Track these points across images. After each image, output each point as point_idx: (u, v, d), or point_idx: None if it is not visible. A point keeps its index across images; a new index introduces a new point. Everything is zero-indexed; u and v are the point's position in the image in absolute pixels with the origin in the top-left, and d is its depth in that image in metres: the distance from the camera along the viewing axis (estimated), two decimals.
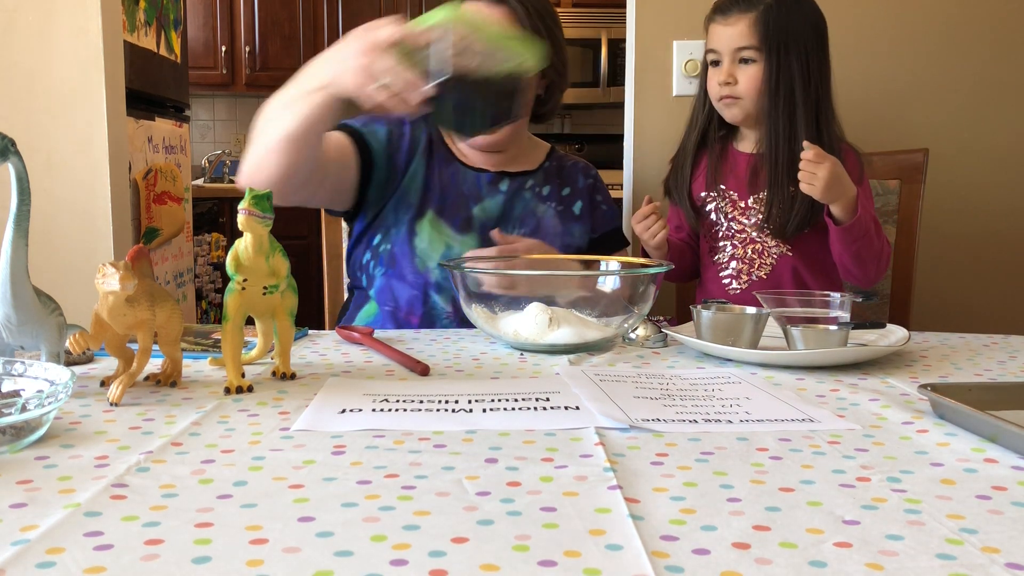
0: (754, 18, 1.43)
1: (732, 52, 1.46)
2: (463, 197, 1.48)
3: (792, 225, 1.47)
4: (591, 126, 4.72)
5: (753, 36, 1.43)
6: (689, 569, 0.49)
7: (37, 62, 1.93)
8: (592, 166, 1.63)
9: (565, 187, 1.55)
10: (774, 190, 1.47)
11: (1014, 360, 1.11)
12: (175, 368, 0.93)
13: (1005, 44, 1.96)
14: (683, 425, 0.79)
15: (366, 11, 4.40)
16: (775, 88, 1.44)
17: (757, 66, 1.45)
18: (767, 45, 1.43)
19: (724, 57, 1.47)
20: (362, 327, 1.22)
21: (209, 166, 4.55)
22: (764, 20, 1.43)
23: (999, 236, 2.00)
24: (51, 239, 1.92)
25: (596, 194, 1.58)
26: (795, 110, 1.44)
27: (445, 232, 1.44)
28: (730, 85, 1.46)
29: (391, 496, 0.60)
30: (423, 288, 1.43)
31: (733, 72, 1.46)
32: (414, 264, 1.43)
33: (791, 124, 1.44)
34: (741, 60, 1.46)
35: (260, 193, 0.90)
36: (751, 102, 1.47)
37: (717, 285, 1.55)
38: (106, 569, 0.48)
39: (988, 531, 0.55)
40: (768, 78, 1.44)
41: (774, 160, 1.46)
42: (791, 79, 1.43)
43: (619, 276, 1.23)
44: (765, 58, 1.44)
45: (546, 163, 1.57)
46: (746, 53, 1.45)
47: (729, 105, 1.49)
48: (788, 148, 1.44)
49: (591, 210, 1.56)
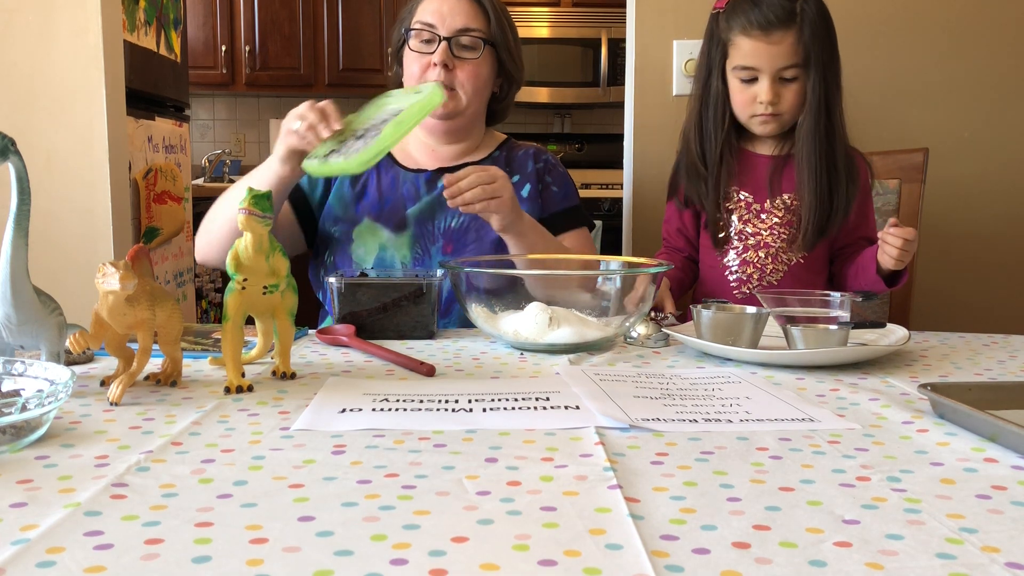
0: (797, 34, 1.38)
1: (775, 71, 1.40)
2: (401, 199, 1.50)
3: (821, 237, 1.46)
4: (591, 126, 4.72)
5: (798, 54, 1.39)
6: (689, 568, 0.49)
7: (37, 62, 1.93)
8: (546, 150, 1.62)
9: (514, 175, 1.54)
10: (815, 207, 1.44)
11: (1014, 360, 1.11)
12: (175, 368, 0.93)
13: (1005, 44, 1.96)
14: (683, 425, 0.79)
15: (366, 11, 4.40)
16: (817, 105, 1.41)
17: (800, 83, 1.41)
18: (810, 62, 1.39)
19: (764, 76, 1.41)
20: (343, 327, 1.21)
21: (209, 166, 4.55)
22: (809, 35, 1.38)
23: (999, 236, 2.00)
24: (51, 239, 1.92)
25: (546, 175, 1.57)
26: (832, 121, 1.42)
27: (380, 235, 1.47)
28: (773, 104, 1.42)
29: (391, 496, 0.60)
30: None
31: (778, 91, 1.41)
32: (352, 271, 1.45)
33: (829, 137, 1.43)
34: (782, 78, 1.41)
35: (260, 193, 0.90)
36: (791, 118, 1.44)
37: (722, 286, 1.53)
38: (106, 569, 0.48)
39: (988, 530, 0.55)
40: (814, 96, 1.40)
41: (816, 177, 1.43)
42: (828, 92, 1.41)
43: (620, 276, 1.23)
44: (807, 75, 1.40)
45: (495, 152, 1.58)
46: (790, 72, 1.40)
47: (767, 122, 1.45)
48: (827, 160, 1.43)
49: (539, 191, 1.55)
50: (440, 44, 1.45)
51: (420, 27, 1.46)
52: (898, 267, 1.33)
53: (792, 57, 1.39)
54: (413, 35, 1.47)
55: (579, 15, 4.24)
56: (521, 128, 4.54)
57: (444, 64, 1.44)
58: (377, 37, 4.44)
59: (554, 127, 4.70)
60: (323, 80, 4.49)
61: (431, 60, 1.45)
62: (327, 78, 4.48)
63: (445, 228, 1.48)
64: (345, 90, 4.57)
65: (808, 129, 1.43)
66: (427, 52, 1.46)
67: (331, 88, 4.52)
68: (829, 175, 1.43)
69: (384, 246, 1.46)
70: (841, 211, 1.44)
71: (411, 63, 1.48)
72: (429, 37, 1.46)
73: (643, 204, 1.97)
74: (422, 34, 1.46)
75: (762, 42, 1.39)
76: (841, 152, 1.45)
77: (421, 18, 1.47)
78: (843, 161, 1.45)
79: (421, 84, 1.42)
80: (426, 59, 1.46)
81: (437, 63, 1.44)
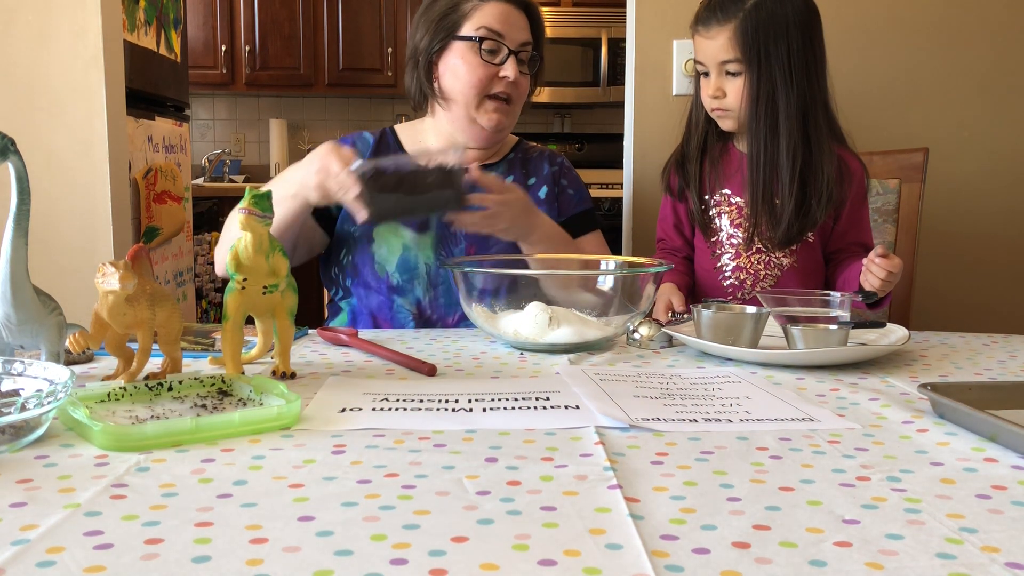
0: (733, 29, 1.39)
1: (717, 65, 1.42)
2: None
3: (783, 237, 1.44)
4: (591, 125, 4.72)
5: (734, 49, 1.39)
6: (689, 568, 0.49)
7: (37, 61, 1.93)
8: (559, 154, 1.63)
9: (531, 176, 1.54)
10: (757, 204, 1.44)
11: (1014, 360, 1.11)
12: (175, 367, 0.93)
13: (1005, 44, 1.96)
14: (683, 424, 0.79)
15: (366, 11, 4.40)
16: (756, 99, 1.41)
17: (742, 78, 1.41)
18: (748, 57, 1.39)
19: (711, 70, 1.44)
20: (346, 328, 1.22)
21: (209, 165, 4.55)
22: (744, 30, 1.38)
23: (999, 236, 2.00)
24: (51, 239, 1.92)
25: (561, 179, 1.57)
26: (777, 119, 1.41)
27: (403, 235, 1.45)
28: (719, 99, 1.44)
29: (391, 495, 0.60)
30: (386, 292, 1.44)
31: (721, 85, 1.43)
32: (374, 271, 1.44)
33: (774, 135, 1.41)
34: (727, 72, 1.42)
35: (260, 193, 0.91)
36: (742, 112, 1.44)
37: (717, 291, 1.53)
38: (106, 569, 0.48)
39: (988, 530, 0.55)
40: (751, 91, 1.40)
41: (756, 175, 1.43)
42: (773, 88, 1.40)
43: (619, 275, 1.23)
44: (747, 70, 1.40)
45: (511, 154, 1.58)
46: (731, 67, 1.41)
47: (721, 117, 1.47)
48: (770, 160, 1.42)
49: (556, 195, 1.55)
50: (509, 57, 1.42)
51: (488, 34, 1.41)
52: (879, 294, 1.32)
53: (729, 52, 1.40)
54: (484, 43, 1.41)
55: (579, 15, 4.24)
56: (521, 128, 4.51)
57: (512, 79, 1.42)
58: (377, 37, 4.44)
59: (554, 127, 4.70)
60: (323, 80, 4.49)
61: (498, 72, 1.41)
62: (327, 78, 4.48)
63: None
64: (345, 90, 4.58)
65: (747, 124, 1.43)
66: (492, 62, 1.42)
67: (331, 88, 4.52)
68: (773, 171, 1.41)
69: (407, 246, 1.44)
70: (795, 211, 1.42)
71: (474, 70, 1.41)
72: (495, 47, 1.42)
73: (643, 204, 1.97)
74: (487, 42, 1.41)
75: (702, 37, 1.43)
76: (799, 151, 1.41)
77: (487, 24, 1.41)
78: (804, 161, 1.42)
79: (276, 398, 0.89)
80: (492, 69, 1.42)
81: (511, 77, 1.41)
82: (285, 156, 4.72)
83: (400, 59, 4.53)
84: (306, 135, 4.84)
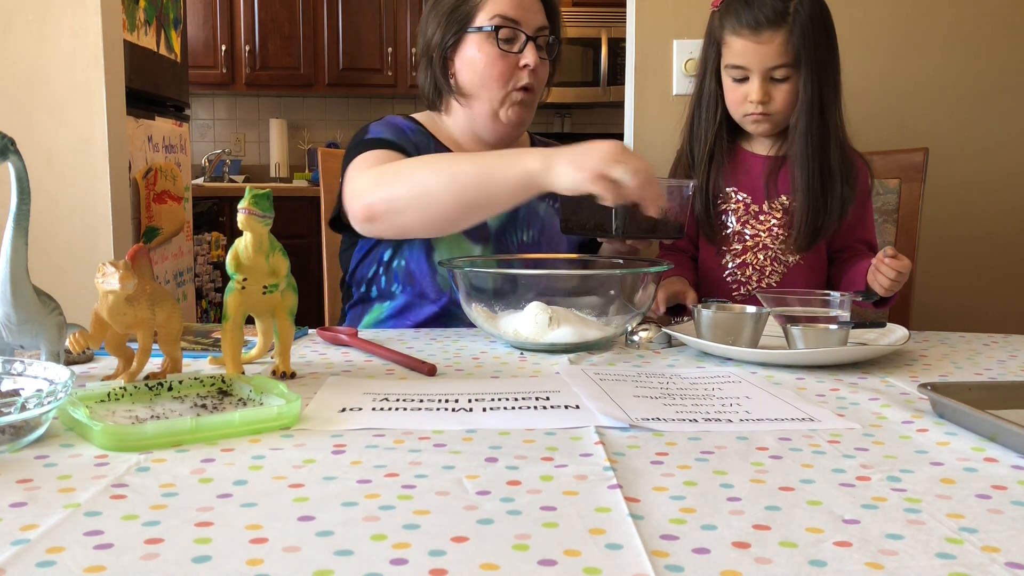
0: (787, 35, 1.36)
1: (765, 71, 1.39)
2: None
3: (815, 239, 1.45)
4: (591, 125, 4.72)
5: (788, 54, 1.37)
6: (689, 568, 0.49)
7: (36, 62, 1.93)
8: None
9: None
10: (808, 208, 1.43)
11: (1014, 360, 1.11)
12: (175, 367, 0.93)
13: (1005, 44, 1.96)
14: (683, 424, 0.79)
15: (366, 11, 4.40)
16: (810, 105, 1.39)
17: (791, 83, 1.39)
18: (802, 62, 1.37)
19: (755, 75, 1.40)
20: (345, 328, 1.21)
21: (209, 165, 4.55)
22: (800, 35, 1.36)
23: (999, 236, 2.00)
24: (51, 239, 1.92)
25: None
26: (827, 123, 1.41)
27: (464, 245, 1.40)
28: (764, 104, 1.41)
29: (391, 495, 0.60)
30: (446, 305, 1.39)
31: (768, 91, 1.40)
32: (436, 282, 1.39)
33: (823, 138, 1.41)
34: (773, 78, 1.40)
35: (260, 192, 0.90)
36: (783, 118, 1.43)
37: (721, 288, 1.53)
38: (106, 569, 0.48)
39: (988, 530, 0.55)
40: (806, 96, 1.39)
41: (808, 177, 1.42)
42: (822, 93, 1.39)
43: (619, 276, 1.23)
44: (799, 75, 1.38)
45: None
46: (780, 72, 1.39)
47: (759, 121, 1.44)
48: (820, 161, 1.42)
49: None
50: (527, 43, 1.37)
51: (503, 22, 1.35)
52: (887, 295, 1.32)
53: (782, 57, 1.38)
54: (500, 32, 1.35)
55: (579, 15, 4.24)
56: None
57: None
58: (377, 37, 4.44)
59: (554, 126, 4.71)
60: (323, 80, 4.50)
61: (518, 62, 1.36)
62: (327, 78, 4.49)
63: (518, 242, 1.45)
64: (345, 90, 4.58)
65: (801, 130, 1.42)
66: (511, 51, 1.37)
67: (331, 88, 4.52)
68: (822, 176, 1.42)
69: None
70: (836, 213, 1.43)
71: (494, 63, 1.36)
72: (511, 35, 1.37)
73: None
74: (503, 30, 1.36)
75: (751, 41, 1.38)
76: (837, 153, 1.43)
77: (501, 12, 1.36)
78: (839, 162, 1.44)
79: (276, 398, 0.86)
80: (511, 59, 1.37)
81: (532, 65, 1.36)
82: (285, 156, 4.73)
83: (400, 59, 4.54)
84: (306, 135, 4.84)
